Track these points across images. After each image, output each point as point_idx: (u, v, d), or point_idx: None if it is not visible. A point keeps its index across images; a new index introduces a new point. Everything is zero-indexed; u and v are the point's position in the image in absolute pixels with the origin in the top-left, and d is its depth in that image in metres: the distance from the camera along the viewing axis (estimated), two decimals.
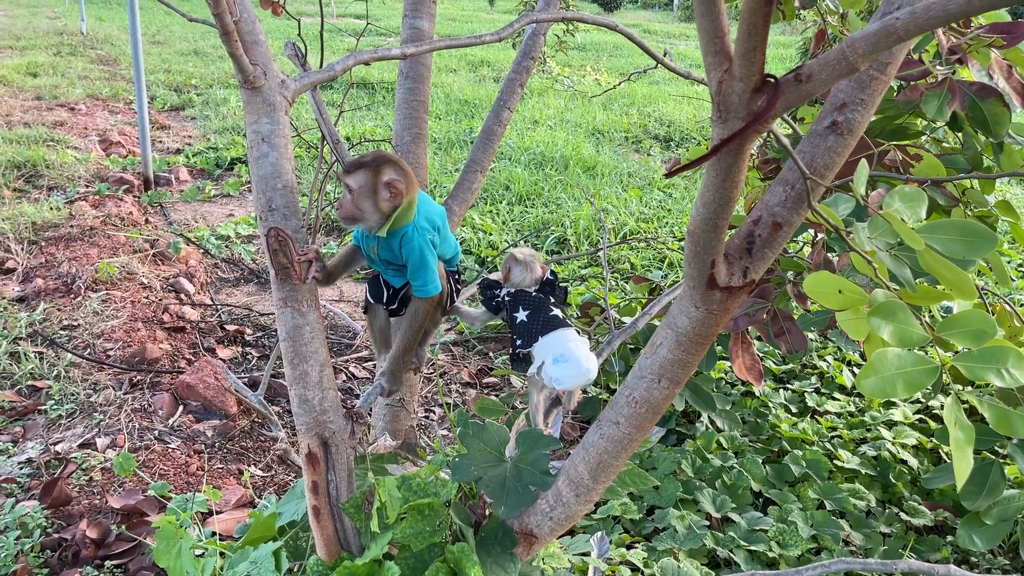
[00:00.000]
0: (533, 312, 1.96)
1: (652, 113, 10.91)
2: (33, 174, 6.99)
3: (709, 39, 1.07)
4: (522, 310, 1.97)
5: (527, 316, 1.96)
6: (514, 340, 1.97)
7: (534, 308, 1.97)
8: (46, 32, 15.66)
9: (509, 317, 1.99)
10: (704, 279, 1.33)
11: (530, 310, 1.96)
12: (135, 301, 4.79)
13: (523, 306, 1.97)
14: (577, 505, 1.66)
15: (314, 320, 1.74)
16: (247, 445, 3.62)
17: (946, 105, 2.01)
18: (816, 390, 4.17)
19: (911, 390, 1.25)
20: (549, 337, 1.92)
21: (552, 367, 1.90)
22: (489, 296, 2.06)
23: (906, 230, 1.19)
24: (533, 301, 1.98)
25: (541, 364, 1.92)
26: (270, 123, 1.72)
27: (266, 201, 1.72)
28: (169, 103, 10.54)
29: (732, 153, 1.14)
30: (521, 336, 1.95)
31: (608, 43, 18.27)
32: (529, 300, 1.98)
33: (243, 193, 7.31)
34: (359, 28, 16.20)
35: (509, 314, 1.99)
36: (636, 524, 3.05)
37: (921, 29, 0.97)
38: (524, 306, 1.97)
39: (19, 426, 3.57)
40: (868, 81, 1.27)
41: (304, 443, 1.74)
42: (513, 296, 1.99)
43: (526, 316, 1.96)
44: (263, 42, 1.74)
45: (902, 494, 3.33)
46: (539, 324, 1.95)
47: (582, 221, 6.43)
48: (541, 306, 1.98)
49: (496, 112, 2.72)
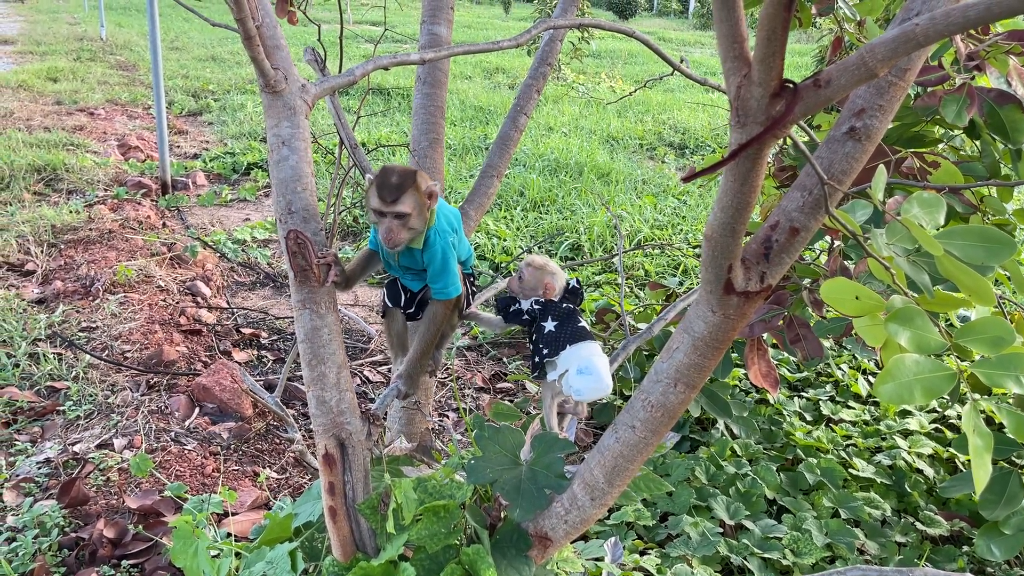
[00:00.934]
0: (562, 323, 1.97)
1: (667, 120, 10.91)
2: (53, 178, 7.07)
3: (728, 44, 1.08)
4: (551, 320, 1.98)
5: (555, 326, 1.97)
6: (539, 348, 1.97)
7: (563, 319, 1.98)
8: (66, 38, 15.85)
9: (536, 326, 1.99)
10: (721, 284, 1.33)
11: (559, 320, 1.97)
12: (152, 304, 4.84)
13: (552, 316, 1.98)
14: (592, 509, 1.66)
15: (332, 322, 1.76)
16: (262, 447, 3.64)
17: (965, 110, 2.01)
18: (831, 398, 4.15)
19: (929, 397, 1.25)
20: (576, 347, 1.93)
21: (576, 377, 1.91)
22: (506, 306, 2.06)
23: (925, 235, 1.19)
24: (562, 312, 1.99)
25: (563, 372, 1.92)
26: (290, 127, 1.74)
27: (286, 204, 1.73)
28: (187, 108, 10.63)
29: (750, 158, 1.15)
30: (548, 345, 1.96)
31: (623, 51, 18.29)
32: (558, 311, 1.99)
33: (259, 198, 7.36)
34: (374, 35, 16.30)
35: (536, 323, 1.99)
36: (649, 530, 3.05)
37: (940, 35, 0.97)
38: (553, 316, 1.98)
39: (38, 426, 3.60)
40: (887, 87, 1.27)
41: (321, 444, 1.75)
42: (543, 306, 2.00)
43: (554, 326, 1.97)
44: (284, 47, 1.76)
45: (918, 503, 3.31)
46: (567, 334, 1.96)
47: (596, 228, 6.44)
48: (570, 317, 1.99)
49: (513, 117, 2.74)
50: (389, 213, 1.74)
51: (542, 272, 2.01)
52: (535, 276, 2.01)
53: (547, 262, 2.04)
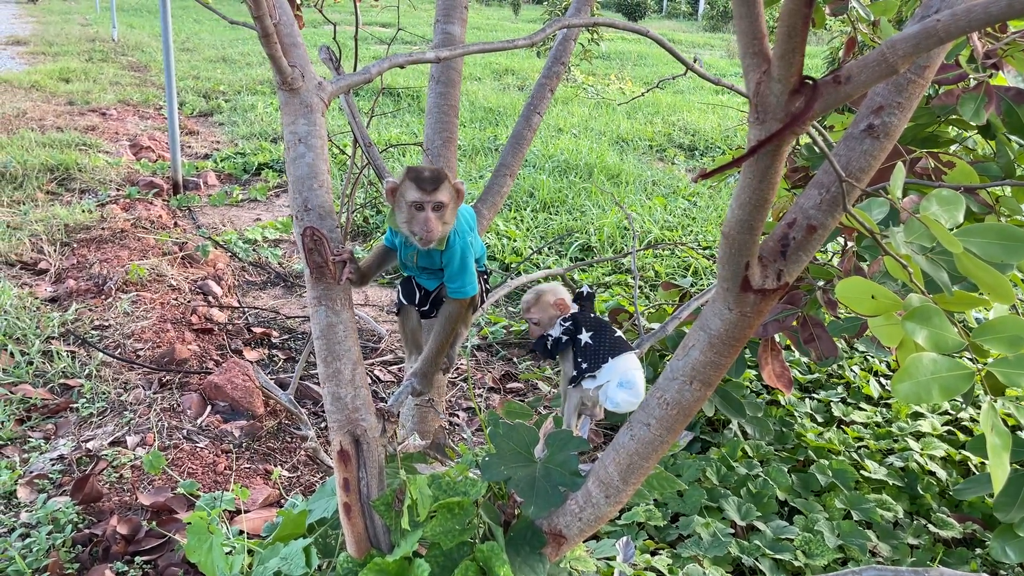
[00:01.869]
0: (596, 333, 1.93)
1: (677, 122, 10.89)
2: (65, 177, 7.11)
3: (748, 41, 1.08)
4: (585, 331, 1.94)
5: (591, 337, 1.93)
6: (578, 362, 1.93)
7: (596, 328, 1.94)
8: (78, 39, 15.93)
9: (573, 340, 1.95)
10: (738, 281, 1.33)
11: (593, 331, 1.93)
12: (164, 303, 4.86)
13: (585, 327, 1.94)
14: (607, 506, 1.66)
15: (347, 319, 1.76)
16: (274, 446, 3.65)
17: (983, 108, 2.00)
18: (842, 400, 4.14)
19: (946, 396, 1.25)
20: (618, 360, 1.91)
21: (616, 390, 1.89)
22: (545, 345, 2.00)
23: (943, 232, 1.19)
24: (593, 323, 1.95)
25: (603, 384, 1.90)
26: (307, 124, 1.75)
27: (302, 201, 1.74)
28: (198, 109, 10.67)
29: (769, 154, 1.15)
30: (587, 359, 1.92)
31: (633, 52, 18.27)
32: (589, 322, 1.95)
33: (270, 198, 7.39)
34: (385, 36, 16.34)
35: (572, 336, 1.95)
36: (661, 531, 3.04)
37: (962, 31, 0.97)
38: (586, 327, 1.94)
39: (51, 423, 3.62)
40: (905, 84, 1.27)
41: (336, 440, 1.76)
42: (573, 319, 1.96)
43: (590, 337, 1.93)
44: (301, 44, 1.77)
45: (930, 506, 3.30)
46: (607, 345, 1.92)
47: (606, 228, 6.43)
48: (604, 326, 1.96)
49: (526, 117, 2.74)
50: (429, 203, 1.72)
51: (543, 302, 1.97)
52: (543, 310, 1.98)
53: (539, 291, 1.99)
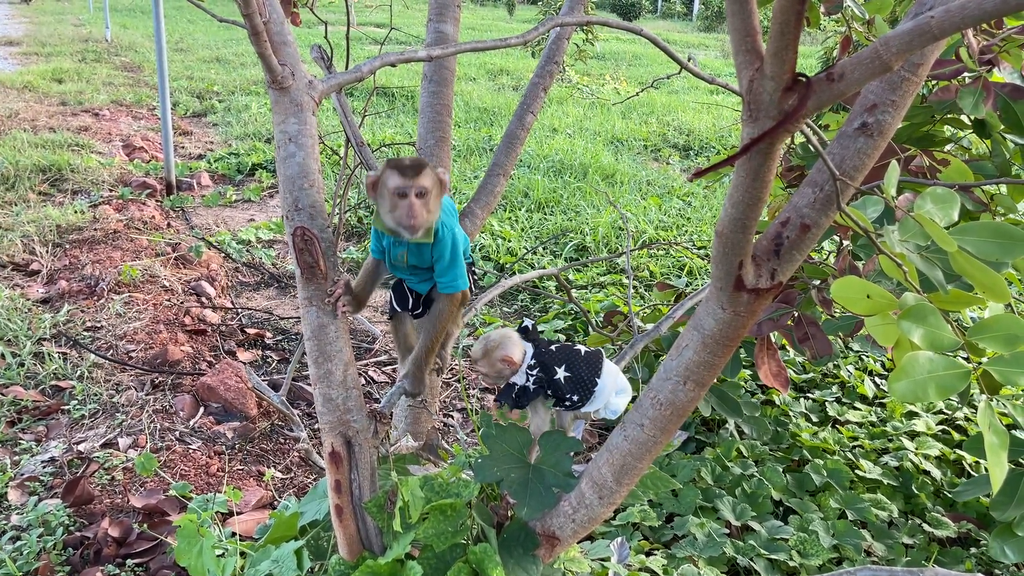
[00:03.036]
0: (569, 363, 1.82)
1: (671, 122, 10.90)
2: (58, 178, 7.08)
3: (740, 38, 1.07)
4: (558, 368, 1.82)
5: (567, 370, 1.81)
6: (567, 398, 1.82)
7: (566, 359, 1.83)
8: (71, 39, 15.88)
9: (548, 382, 1.82)
10: (732, 280, 1.32)
11: (565, 362, 1.82)
12: (157, 304, 4.83)
13: (556, 364, 1.82)
14: (600, 507, 1.65)
15: (339, 319, 1.75)
16: (267, 447, 3.63)
17: (982, 101, 1.99)
18: (837, 399, 4.14)
19: (943, 394, 1.24)
20: (603, 375, 1.83)
21: (616, 399, 1.84)
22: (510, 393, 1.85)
23: (939, 231, 1.18)
24: (558, 353, 1.84)
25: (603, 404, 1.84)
26: (297, 123, 1.73)
27: (292, 201, 1.73)
28: (191, 109, 10.64)
29: (762, 152, 1.14)
30: (575, 390, 1.81)
31: (627, 52, 18.27)
32: (555, 355, 1.84)
33: (263, 198, 7.36)
34: (378, 36, 16.31)
35: (545, 381, 1.82)
36: (655, 531, 3.04)
37: (956, 28, 0.96)
38: (557, 363, 1.82)
39: (43, 425, 3.60)
40: (899, 82, 1.26)
41: (327, 442, 1.75)
42: (540, 364, 1.82)
43: (566, 370, 1.81)
44: (292, 43, 1.75)
45: (925, 505, 3.30)
46: (586, 369, 1.82)
47: (601, 228, 6.43)
48: (570, 351, 1.85)
49: (520, 116, 2.73)
50: (411, 188, 1.68)
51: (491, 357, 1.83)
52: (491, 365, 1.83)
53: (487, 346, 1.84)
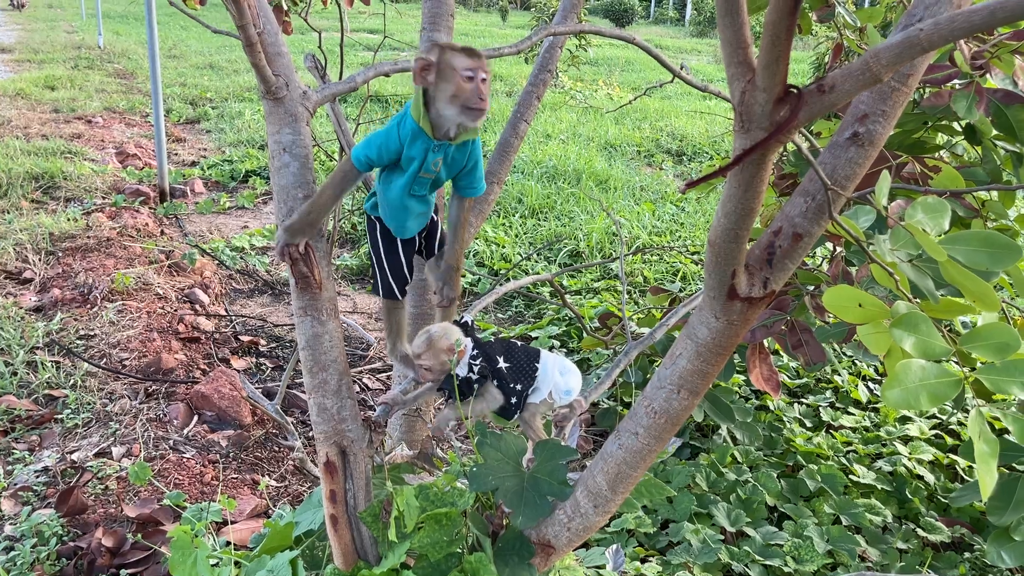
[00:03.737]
0: (507, 353, 1.83)
1: (664, 127, 10.93)
2: (51, 186, 7.06)
3: (732, 50, 1.07)
4: (500, 358, 1.82)
5: (506, 359, 1.82)
6: (512, 388, 1.81)
7: (503, 350, 1.84)
8: (64, 46, 15.86)
9: (492, 371, 1.81)
10: (724, 290, 1.33)
11: (503, 353, 1.83)
12: (150, 312, 4.82)
13: (496, 354, 1.83)
14: (595, 516, 1.65)
15: (333, 329, 1.75)
16: (261, 455, 3.63)
17: (975, 105, 2.00)
18: (831, 404, 4.15)
19: (935, 402, 1.25)
20: (543, 361, 1.84)
21: (563, 379, 1.86)
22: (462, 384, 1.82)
23: (928, 241, 1.19)
24: (496, 345, 1.85)
25: (548, 389, 1.84)
26: (292, 133, 1.74)
27: (287, 211, 1.73)
28: (185, 116, 10.63)
29: (754, 163, 1.15)
30: (517, 379, 1.81)
31: (620, 58, 18.33)
32: (493, 346, 1.84)
33: (257, 205, 7.36)
34: (373, 43, 16.33)
35: (490, 368, 1.81)
36: (650, 538, 3.04)
37: (945, 40, 0.97)
38: (496, 353, 1.83)
39: (36, 435, 3.59)
40: (889, 93, 1.27)
41: (323, 451, 1.75)
42: (483, 354, 1.81)
43: (505, 360, 1.82)
44: (286, 53, 1.76)
45: (919, 510, 3.31)
46: (525, 357, 1.83)
47: (595, 234, 6.44)
48: (506, 343, 1.87)
49: (513, 124, 2.74)
50: (481, 70, 1.55)
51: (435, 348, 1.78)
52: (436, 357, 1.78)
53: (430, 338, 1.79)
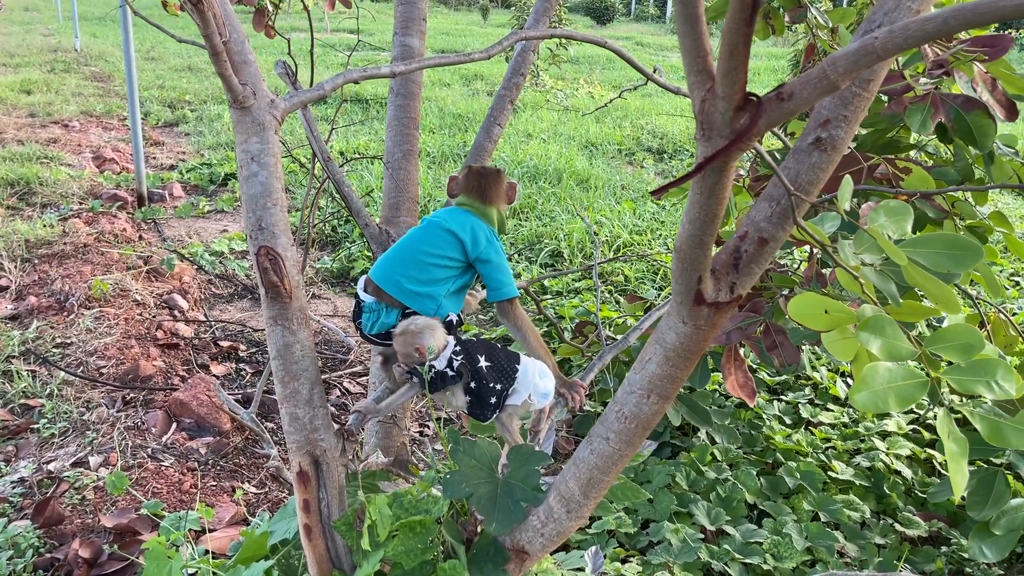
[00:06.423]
0: (488, 353, 1.83)
1: (645, 126, 10.95)
2: (26, 191, 6.99)
3: (692, 59, 1.08)
4: (479, 356, 1.82)
5: (487, 359, 1.82)
6: (492, 388, 1.80)
7: (484, 348, 1.84)
8: (40, 49, 15.69)
9: (472, 370, 1.81)
10: (691, 295, 1.33)
11: (485, 353, 1.83)
12: (128, 318, 4.78)
13: (477, 352, 1.82)
14: (568, 521, 1.65)
15: (304, 338, 1.74)
16: (240, 462, 3.61)
17: (929, 118, 2.03)
18: (810, 401, 4.17)
19: (903, 404, 1.26)
20: (523, 364, 1.85)
21: (542, 381, 1.88)
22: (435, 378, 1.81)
23: (889, 245, 1.20)
24: (477, 343, 1.85)
25: (527, 392, 1.84)
26: (259, 142, 1.73)
27: (256, 220, 1.72)
28: (163, 119, 10.55)
29: (716, 171, 1.15)
30: (497, 379, 1.81)
31: (601, 56, 18.36)
32: (473, 343, 1.84)
33: (237, 209, 7.31)
34: (351, 42, 16.26)
35: (471, 367, 1.81)
36: (631, 538, 3.05)
37: (900, 48, 0.98)
38: (477, 351, 1.82)
39: (11, 445, 3.55)
40: (851, 98, 1.28)
41: (295, 461, 1.74)
42: (464, 349, 1.81)
43: (487, 359, 1.82)
44: (252, 62, 1.75)
45: (896, 505, 3.33)
46: (505, 358, 1.83)
47: (576, 234, 6.45)
48: (486, 343, 1.87)
49: (487, 128, 2.74)
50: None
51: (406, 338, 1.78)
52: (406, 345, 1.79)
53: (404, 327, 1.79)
